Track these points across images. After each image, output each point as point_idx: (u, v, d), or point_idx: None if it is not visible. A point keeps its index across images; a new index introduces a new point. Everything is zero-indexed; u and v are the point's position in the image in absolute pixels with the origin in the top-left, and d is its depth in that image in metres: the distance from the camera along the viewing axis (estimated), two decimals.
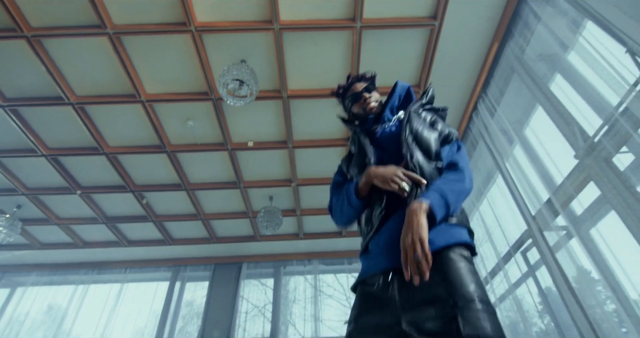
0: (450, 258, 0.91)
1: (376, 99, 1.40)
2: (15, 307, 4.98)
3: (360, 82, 1.44)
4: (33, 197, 3.89)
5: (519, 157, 2.66)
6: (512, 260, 2.76)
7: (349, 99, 1.42)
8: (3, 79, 2.78)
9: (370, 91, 1.41)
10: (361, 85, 1.42)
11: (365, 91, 1.40)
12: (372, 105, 1.37)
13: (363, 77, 1.46)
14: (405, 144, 1.12)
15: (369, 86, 1.42)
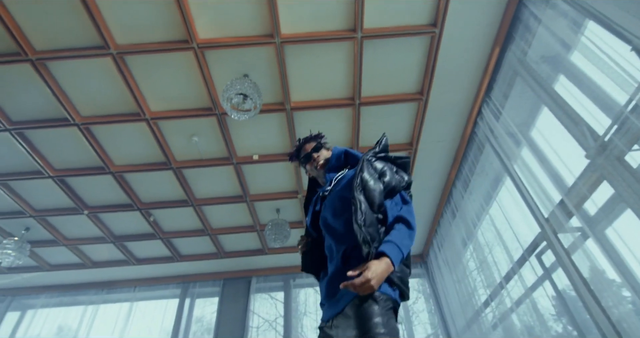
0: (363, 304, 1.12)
1: (325, 156, 1.58)
2: (26, 330, 4.94)
3: (310, 143, 1.63)
4: (41, 219, 3.90)
5: (527, 159, 2.63)
6: (527, 264, 2.70)
7: (302, 159, 1.62)
8: (9, 103, 2.80)
9: (318, 149, 1.61)
10: (310, 145, 1.62)
11: (313, 151, 1.60)
12: (320, 162, 1.57)
13: (311, 137, 1.66)
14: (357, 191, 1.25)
15: (317, 146, 1.61)
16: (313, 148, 1.60)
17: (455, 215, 3.92)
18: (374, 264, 1.11)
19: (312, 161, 1.58)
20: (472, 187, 3.59)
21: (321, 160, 1.56)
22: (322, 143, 1.65)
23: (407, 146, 3.46)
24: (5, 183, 3.43)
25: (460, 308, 3.95)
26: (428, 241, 4.86)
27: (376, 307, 1.10)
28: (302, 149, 1.63)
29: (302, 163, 1.64)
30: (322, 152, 1.61)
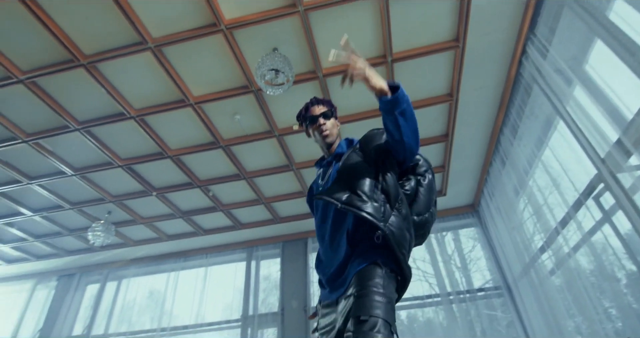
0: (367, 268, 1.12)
1: (331, 127, 1.48)
2: (124, 296, 5.81)
3: (320, 106, 1.50)
4: (119, 203, 4.43)
5: (580, 97, 2.46)
6: (584, 208, 2.62)
7: (307, 120, 1.50)
8: (73, 106, 3.13)
9: (327, 117, 1.48)
10: (319, 109, 1.49)
11: (322, 116, 1.47)
12: (326, 133, 1.46)
13: (322, 101, 1.53)
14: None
15: (327, 113, 1.49)
16: (322, 113, 1.47)
17: (505, 163, 3.81)
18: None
19: (317, 125, 1.46)
20: (522, 132, 3.43)
21: (327, 130, 1.46)
22: (332, 111, 1.52)
23: (447, 97, 3.35)
24: (84, 175, 3.92)
25: (515, 255, 3.96)
26: (478, 191, 4.79)
27: (379, 270, 1.10)
28: (310, 110, 1.51)
29: (307, 123, 1.51)
30: (330, 121, 1.49)
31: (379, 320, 0.97)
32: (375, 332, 0.94)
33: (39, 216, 4.55)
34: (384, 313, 0.99)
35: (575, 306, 2.87)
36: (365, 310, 0.99)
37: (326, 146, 1.49)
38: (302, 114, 1.55)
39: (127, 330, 5.39)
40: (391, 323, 0.99)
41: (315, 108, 1.50)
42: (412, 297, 4.83)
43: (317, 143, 1.53)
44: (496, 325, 4.61)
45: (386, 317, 0.99)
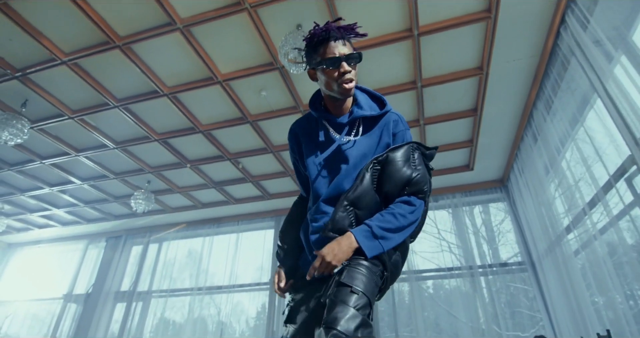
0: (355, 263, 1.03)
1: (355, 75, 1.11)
2: (166, 255, 6.36)
3: (342, 43, 1.09)
4: (157, 173, 4.75)
5: (619, 74, 2.32)
6: (613, 190, 2.55)
7: (325, 62, 1.08)
8: (111, 84, 3.33)
9: (355, 61, 1.09)
10: (343, 48, 1.08)
11: (347, 59, 1.07)
12: (350, 86, 1.08)
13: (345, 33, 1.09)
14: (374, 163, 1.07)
15: (355, 55, 1.09)
16: (350, 56, 1.07)
17: (537, 139, 3.68)
18: (331, 243, 1.01)
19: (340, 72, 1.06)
20: (556, 108, 3.28)
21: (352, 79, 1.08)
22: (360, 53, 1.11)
23: (477, 70, 3.23)
24: (125, 148, 4.21)
25: (542, 233, 3.93)
26: (508, 166, 4.69)
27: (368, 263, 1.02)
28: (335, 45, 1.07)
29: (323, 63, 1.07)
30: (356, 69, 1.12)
31: (365, 298, 0.93)
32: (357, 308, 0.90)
33: (87, 184, 4.99)
34: (370, 294, 0.96)
35: (597, 288, 2.88)
36: (357, 283, 0.94)
37: (337, 100, 1.14)
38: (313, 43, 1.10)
39: (168, 288, 5.96)
40: (372, 305, 0.96)
41: (339, 45, 1.08)
42: (438, 267, 4.95)
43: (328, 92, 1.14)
44: (522, 296, 4.69)
45: (371, 298, 0.96)
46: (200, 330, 5.51)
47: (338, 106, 1.17)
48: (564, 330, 3.64)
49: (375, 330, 4.66)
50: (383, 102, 1.20)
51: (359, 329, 0.86)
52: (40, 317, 6.73)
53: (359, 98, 1.19)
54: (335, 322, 0.86)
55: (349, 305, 0.90)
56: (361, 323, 0.87)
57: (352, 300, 0.91)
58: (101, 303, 5.95)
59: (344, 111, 1.17)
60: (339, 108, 1.17)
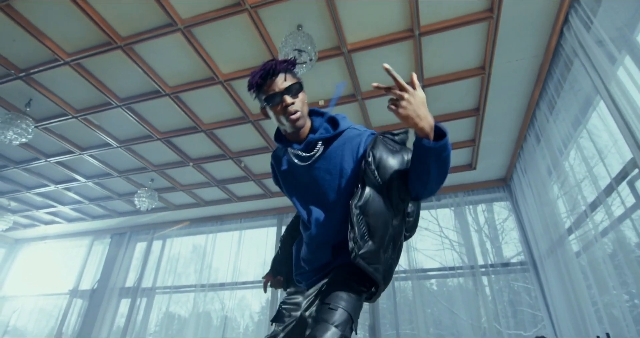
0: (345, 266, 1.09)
1: (302, 105, 1.12)
2: (169, 252, 6.43)
3: (283, 76, 1.10)
4: (160, 172, 4.79)
5: (622, 77, 2.30)
6: (615, 193, 2.53)
7: (267, 100, 1.10)
8: (114, 84, 3.36)
9: (294, 92, 1.09)
10: (286, 80, 1.09)
11: (288, 92, 1.08)
12: (296, 117, 1.09)
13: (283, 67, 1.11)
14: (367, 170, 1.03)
15: (294, 86, 1.10)
16: (288, 88, 1.09)
17: (540, 140, 3.66)
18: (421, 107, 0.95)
19: (282, 105, 1.08)
20: (559, 108, 3.25)
21: (297, 111, 1.09)
22: (301, 82, 1.14)
23: (479, 70, 3.21)
24: (128, 147, 4.25)
25: (543, 233, 3.91)
26: (511, 165, 4.66)
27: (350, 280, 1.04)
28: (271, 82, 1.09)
29: (266, 101, 1.10)
30: (300, 97, 1.11)
31: (345, 314, 0.97)
32: (335, 324, 0.94)
33: (91, 182, 5.04)
34: (352, 308, 0.99)
35: (597, 290, 2.87)
36: (336, 300, 0.98)
37: (296, 131, 1.15)
38: (254, 85, 1.12)
39: (172, 284, 6.03)
40: (354, 319, 0.99)
41: (277, 81, 1.09)
42: (441, 265, 4.95)
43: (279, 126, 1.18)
44: (525, 295, 4.69)
45: (353, 312, 0.99)
46: (204, 324, 5.58)
47: (295, 135, 1.18)
48: (564, 331, 3.64)
49: (377, 327, 4.68)
50: (336, 123, 1.20)
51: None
52: (47, 311, 6.84)
53: (315, 124, 1.20)
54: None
55: (328, 323, 0.95)
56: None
57: (332, 317, 0.96)
58: (106, 299, 6.03)
59: (302, 138, 1.19)
60: (298, 136, 1.19)
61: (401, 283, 5.06)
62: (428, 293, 5.19)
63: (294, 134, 1.18)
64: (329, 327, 0.93)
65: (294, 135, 1.18)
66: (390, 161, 1.08)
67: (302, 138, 1.18)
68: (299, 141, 1.18)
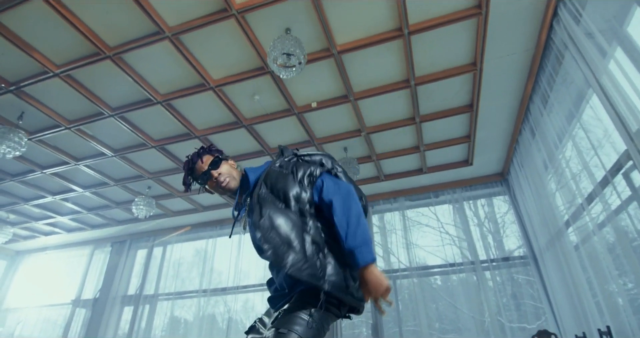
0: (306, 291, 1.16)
1: (228, 172, 1.34)
2: (170, 258, 6.43)
3: (204, 157, 1.35)
4: (156, 179, 4.78)
5: (613, 69, 2.29)
6: (610, 186, 2.53)
7: (200, 181, 1.35)
8: (106, 94, 3.34)
9: (217, 165, 1.32)
10: (206, 161, 1.34)
11: (212, 167, 1.31)
12: (226, 182, 1.33)
13: (201, 152, 1.37)
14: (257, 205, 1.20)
15: (215, 161, 1.33)
16: (211, 164, 1.33)
17: (535, 134, 3.65)
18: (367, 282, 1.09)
19: (213, 180, 1.32)
20: (552, 102, 3.24)
21: (226, 179, 1.32)
22: (220, 157, 1.37)
23: (470, 67, 3.20)
24: (123, 156, 4.24)
25: (542, 227, 3.91)
26: (508, 159, 4.66)
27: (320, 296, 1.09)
28: (196, 169, 1.34)
29: (202, 184, 1.36)
30: (223, 168, 1.35)
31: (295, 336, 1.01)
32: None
33: (89, 191, 5.03)
34: (303, 332, 1.03)
35: (597, 283, 2.87)
36: (287, 325, 1.04)
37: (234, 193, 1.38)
38: (189, 176, 1.38)
39: (174, 290, 6.03)
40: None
41: (200, 164, 1.35)
42: (444, 262, 4.94)
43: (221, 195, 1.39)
44: (528, 288, 4.69)
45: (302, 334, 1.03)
46: (208, 327, 5.58)
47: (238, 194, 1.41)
48: (566, 324, 3.64)
49: (379, 325, 4.68)
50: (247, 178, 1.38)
51: None
52: (51, 321, 6.84)
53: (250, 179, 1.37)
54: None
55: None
56: None
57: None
58: (109, 307, 6.03)
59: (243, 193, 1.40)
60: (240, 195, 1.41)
61: (403, 281, 5.06)
62: (430, 289, 5.18)
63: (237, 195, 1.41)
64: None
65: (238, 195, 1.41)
66: (280, 181, 1.25)
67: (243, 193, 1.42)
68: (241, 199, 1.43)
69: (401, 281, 5.06)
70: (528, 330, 4.25)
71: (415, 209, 5.53)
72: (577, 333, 3.20)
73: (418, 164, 4.69)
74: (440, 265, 5.01)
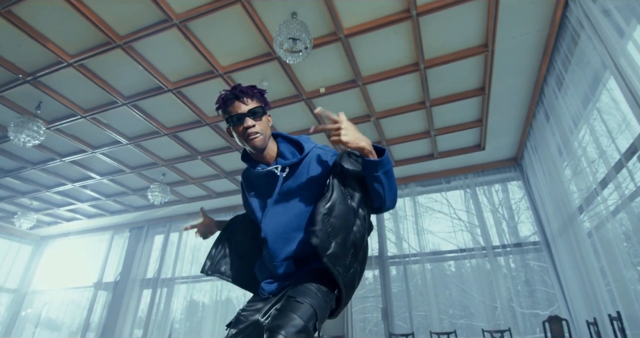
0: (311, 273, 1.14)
1: (263, 129, 1.16)
2: (186, 243, 6.62)
3: (246, 100, 1.15)
4: (170, 166, 4.89)
5: (631, 50, 2.20)
6: (625, 170, 2.46)
7: (230, 121, 1.16)
8: (118, 83, 3.41)
9: (258, 115, 1.15)
10: (248, 104, 1.15)
11: (251, 114, 1.13)
12: (255, 139, 1.14)
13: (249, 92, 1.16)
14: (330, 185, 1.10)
15: (257, 110, 1.15)
16: (251, 110, 1.14)
17: (550, 117, 3.56)
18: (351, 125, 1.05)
19: (243, 127, 1.14)
20: (567, 84, 3.15)
21: (257, 134, 1.14)
22: (265, 108, 1.20)
23: (482, 48, 3.12)
24: (138, 144, 4.34)
25: (556, 212, 3.85)
26: (521, 144, 4.57)
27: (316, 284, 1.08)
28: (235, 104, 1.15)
29: (230, 122, 1.17)
30: (262, 120, 1.17)
31: (311, 309, 0.99)
32: (300, 316, 0.96)
33: (106, 179, 5.20)
34: (317, 305, 1.01)
35: (609, 269, 2.83)
36: (303, 295, 1.01)
37: (259, 152, 1.20)
38: (221, 106, 1.19)
39: (190, 274, 6.22)
40: (319, 317, 1.00)
41: (240, 104, 1.15)
42: (456, 248, 4.94)
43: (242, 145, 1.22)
44: (542, 274, 4.66)
45: (318, 309, 1.00)
46: (224, 311, 5.76)
47: (259, 156, 1.23)
48: (578, 310, 3.62)
49: (389, 310, 4.75)
50: (301, 146, 1.25)
51: (299, 334, 0.92)
52: (75, 302, 7.19)
53: (281, 148, 1.25)
54: (277, 327, 0.93)
55: (293, 313, 0.97)
56: (302, 330, 0.93)
57: (297, 310, 0.98)
58: (129, 290, 6.29)
59: (268, 159, 1.24)
60: (263, 158, 1.23)
61: (414, 267, 5.09)
62: (442, 275, 5.21)
63: (258, 155, 1.23)
64: (294, 317, 0.95)
65: (259, 156, 1.23)
66: (354, 173, 1.16)
67: (267, 159, 1.24)
68: (265, 162, 1.24)
69: (412, 266, 5.09)
70: (541, 316, 4.24)
71: (426, 195, 5.51)
72: (588, 319, 3.19)
73: (429, 149, 4.65)
74: (451, 250, 5.01)
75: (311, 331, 0.96)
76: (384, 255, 5.14)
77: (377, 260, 5.11)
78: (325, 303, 1.06)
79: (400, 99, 3.73)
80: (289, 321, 0.94)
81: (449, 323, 4.65)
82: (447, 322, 4.72)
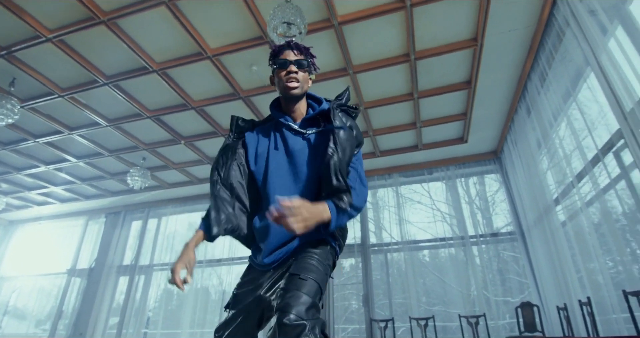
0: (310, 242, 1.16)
1: (302, 80, 1.22)
2: (165, 229, 6.51)
3: (297, 53, 1.25)
4: (152, 150, 4.75)
5: (613, 46, 2.30)
6: (601, 164, 2.60)
7: (277, 63, 1.24)
8: (100, 62, 3.27)
9: (302, 66, 1.23)
10: (297, 56, 1.24)
11: (295, 63, 1.22)
12: (293, 84, 1.20)
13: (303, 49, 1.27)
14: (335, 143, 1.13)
15: (303, 62, 1.24)
16: (298, 60, 1.23)
17: (531, 112, 3.69)
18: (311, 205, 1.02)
19: (287, 71, 1.21)
20: (550, 80, 3.26)
21: (297, 83, 1.21)
22: (311, 64, 1.29)
23: (471, 42, 3.17)
24: (118, 126, 4.19)
25: (531, 204, 4.02)
26: (502, 138, 4.72)
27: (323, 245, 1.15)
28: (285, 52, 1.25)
29: (276, 65, 1.25)
30: (305, 74, 1.25)
31: (316, 284, 1.02)
32: (307, 293, 0.98)
33: (82, 162, 5.00)
34: (321, 280, 1.05)
35: (581, 258, 2.99)
36: (306, 272, 1.04)
37: (287, 99, 1.25)
38: (273, 51, 1.27)
39: (169, 261, 6.14)
40: (323, 290, 1.05)
41: (290, 53, 1.25)
42: (434, 238, 5.10)
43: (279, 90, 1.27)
44: (513, 263, 4.89)
45: (322, 284, 1.05)
46: (203, 299, 5.74)
47: (289, 108, 1.27)
48: (549, 297, 3.83)
49: (370, 297, 4.87)
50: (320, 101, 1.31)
51: (309, 311, 0.95)
52: (46, 290, 6.96)
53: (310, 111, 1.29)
54: (288, 306, 0.94)
55: (300, 291, 0.99)
56: (311, 306, 0.96)
57: (303, 287, 1.00)
58: (104, 277, 6.14)
59: (296, 115, 1.28)
60: (292, 112, 1.27)
61: (394, 255, 5.21)
62: (420, 264, 5.36)
63: (288, 107, 1.27)
64: (300, 295, 0.97)
65: (289, 108, 1.27)
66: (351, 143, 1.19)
67: (295, 115, 1.27)
68: (292, 117, 1.28)
69: (392, 255, 5.21)
70: (512, 303, 4.46)
71: (408, 187, 5.62)
72: (559, 304, 3.38)
73: (414, 140, 4.73)
74: (429, 239, 5.16)
75: (319, 305, 1.00)
76: (366, 244, 5.24)
77: (359, 248, 5.20)
78: (326, 276, 1.10)
79: (389, 90, 3.75)
80: (297, 299, 0.96)
81: (427, 310, 4.82)
82: (425, 308, 4.89)
